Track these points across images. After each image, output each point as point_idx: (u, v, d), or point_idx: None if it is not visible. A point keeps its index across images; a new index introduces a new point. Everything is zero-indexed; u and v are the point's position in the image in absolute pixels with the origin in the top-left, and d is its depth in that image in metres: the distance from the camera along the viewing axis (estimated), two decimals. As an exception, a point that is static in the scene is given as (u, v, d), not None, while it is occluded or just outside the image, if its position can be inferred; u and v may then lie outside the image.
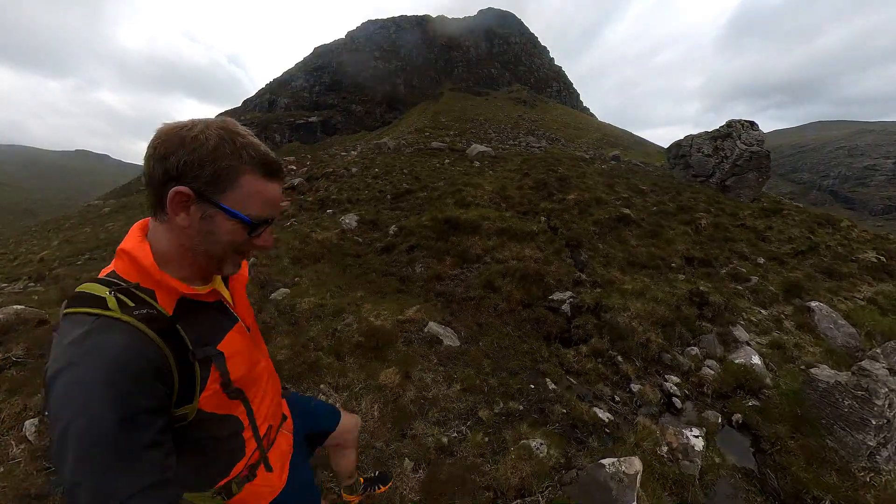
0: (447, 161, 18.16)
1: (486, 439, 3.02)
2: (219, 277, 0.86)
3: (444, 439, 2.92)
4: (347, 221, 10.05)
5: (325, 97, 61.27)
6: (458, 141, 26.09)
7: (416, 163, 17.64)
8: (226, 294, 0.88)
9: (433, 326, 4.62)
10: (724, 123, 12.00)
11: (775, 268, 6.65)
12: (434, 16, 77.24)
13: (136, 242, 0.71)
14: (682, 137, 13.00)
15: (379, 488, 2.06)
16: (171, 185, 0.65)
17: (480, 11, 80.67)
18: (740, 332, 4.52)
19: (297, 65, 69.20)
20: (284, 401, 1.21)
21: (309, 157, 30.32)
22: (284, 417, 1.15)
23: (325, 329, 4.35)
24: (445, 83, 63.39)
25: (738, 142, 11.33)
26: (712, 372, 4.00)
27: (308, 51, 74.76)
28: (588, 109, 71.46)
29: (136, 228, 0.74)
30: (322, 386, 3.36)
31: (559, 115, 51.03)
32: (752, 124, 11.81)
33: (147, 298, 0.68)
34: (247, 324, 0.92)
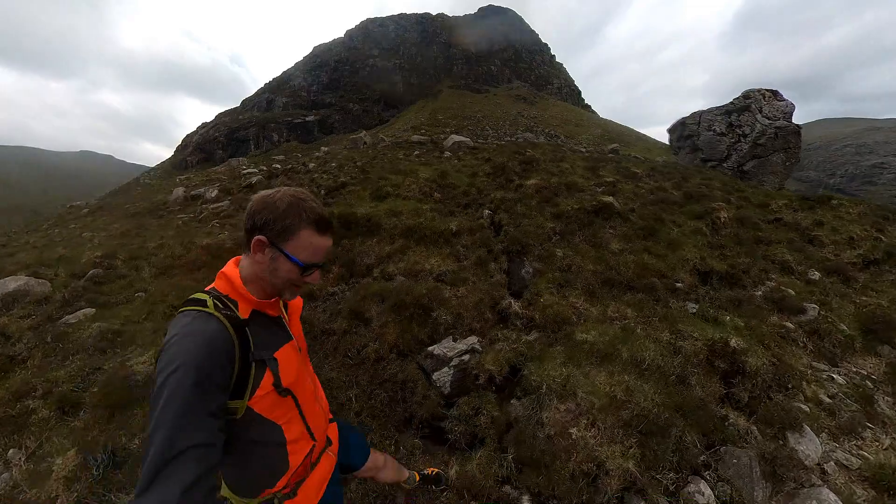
0: (416, 153, 15.83)
1: None
2: (281, 305, 1.12)
3: None
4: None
5: (323, 96, 60.01)
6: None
7: (377, 156, 15.35)
8: (285, 317, 1.15)
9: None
10: (740, 94, 9.42)
11: (838, 287, 4.12)
12: (434, 13, 75.55)
13: (231, 268, 1.01)
14: (687, 115, 10.44)
15: (433, 488, 2.12)
16: (255, 234, 0.96)
17: (481, 9, 78.89)
18: (807, 444, 2.04)
19: (295, 64, 67.91)
20: (333, 425, 1.37)
21: (299, 156, 28.39)
22: (329, 441, 1.29)
23: (81, 370, 3.32)
24: (444, 81, 61.47)
25: (758, 115, 8.75)
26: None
27: (308, 49, 73.49)
28: (590, 107, 68.80)
29: (231, 261, 1.05)
30: (11, 451, 2.49)
31: (559, 111, 48.63)
32: (776, 94, 9.19)
33: (231, 305, 0.95)
34: (299, 345, 1.15)
